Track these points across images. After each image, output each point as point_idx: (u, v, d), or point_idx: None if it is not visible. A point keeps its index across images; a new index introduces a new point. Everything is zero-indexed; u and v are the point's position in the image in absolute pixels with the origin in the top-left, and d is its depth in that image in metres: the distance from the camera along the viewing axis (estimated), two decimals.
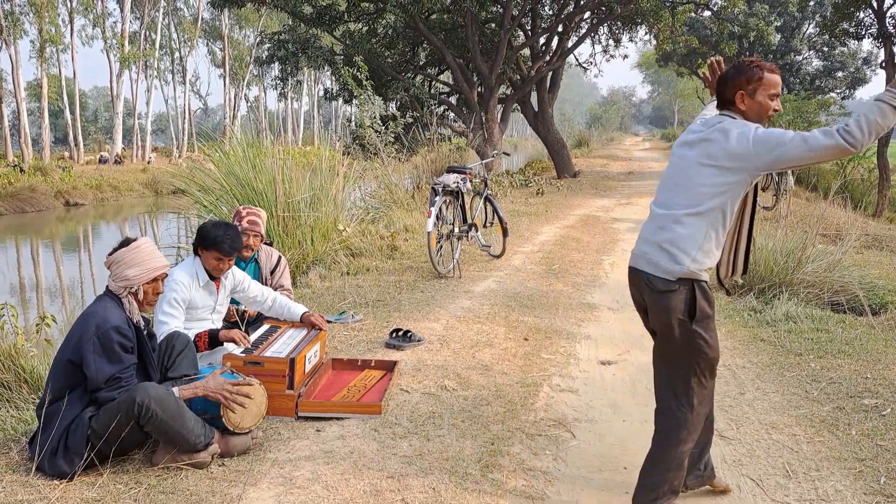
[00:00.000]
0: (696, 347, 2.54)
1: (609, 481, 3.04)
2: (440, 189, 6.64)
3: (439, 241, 6.83)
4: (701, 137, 2.58)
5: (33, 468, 2.87)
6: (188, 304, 3.78)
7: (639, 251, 2.64)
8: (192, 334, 3.72)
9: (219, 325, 4.02)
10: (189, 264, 3.84)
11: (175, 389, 2.99)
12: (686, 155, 2.61)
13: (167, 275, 3.19)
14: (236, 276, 4.05)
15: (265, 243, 4.80)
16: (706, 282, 2.55)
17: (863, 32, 17.84)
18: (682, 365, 2.58)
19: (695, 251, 2.49)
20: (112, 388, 2.88)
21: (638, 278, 2.63)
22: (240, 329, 4.07)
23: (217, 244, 3.75)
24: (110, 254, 3.04)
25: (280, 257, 4.80)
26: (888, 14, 14.92)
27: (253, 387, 3.13)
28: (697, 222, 2.50)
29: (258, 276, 4.65)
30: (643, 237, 2.66)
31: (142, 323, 3.07)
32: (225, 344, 3.77)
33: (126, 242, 3.06)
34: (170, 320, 3.67)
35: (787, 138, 2.39)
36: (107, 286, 3.06)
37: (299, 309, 4.13)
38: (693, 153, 2.58)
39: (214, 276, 3.89)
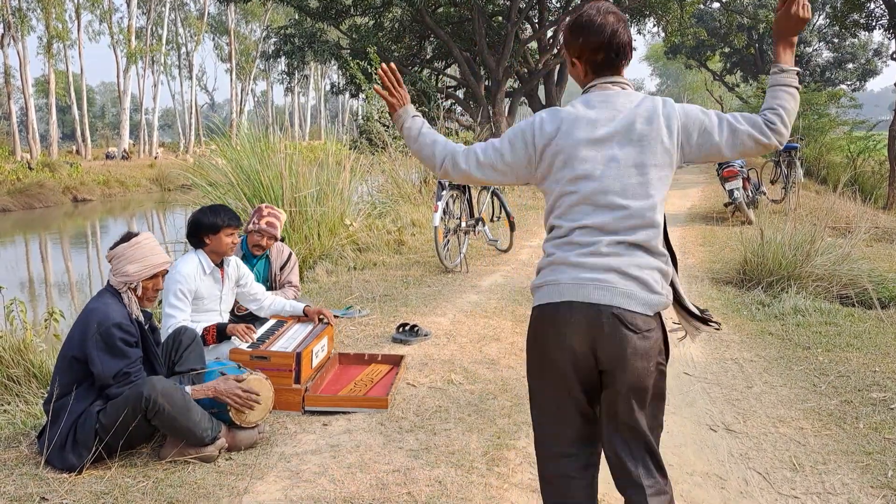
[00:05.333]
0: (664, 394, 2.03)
1: None
2: (447, 183, 6.63)
3: (446, 236, 6.82)
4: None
5: (42, 462, 2.89)
6: (194, 295, 3.80)
7: (594, 279, 1.92)
8: (200, 327, 3.74)
9: (226, 317, 4.04)
10: (191, 256, 3.85)
11: (188, 388, 3.00)
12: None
13: (167, 271, 3.19)
14: (241, 268, 4.07)
15: (279, 239, 4.82)
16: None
17: (873, 23, 17.69)
18: (657, 424, 2.04)
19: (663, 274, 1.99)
20: (121, 384, 2.89)
21: (596, 317, 1.90)
22: (246, 322, 4.09)
23: (227, 223, 3.82)
24: (112, 248, 3.05)
25: (290, 254, 4.82)
26: None
27: (260, 382, 3.14)
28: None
29: (268, 271, 4.67)
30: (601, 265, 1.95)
31: (142, 318, 3.08)
32: (232, 338, 3.79)
33: (127, 237, 3.05)
34: (177, 313, 3.69)
35: (716, 124, 2.00)
36: (108, 280, 3.07)
37: (298, 304, 4.16)
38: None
39: (220, 263, 3.91)
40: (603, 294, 1.88)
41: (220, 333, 3.78)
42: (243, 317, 4.44)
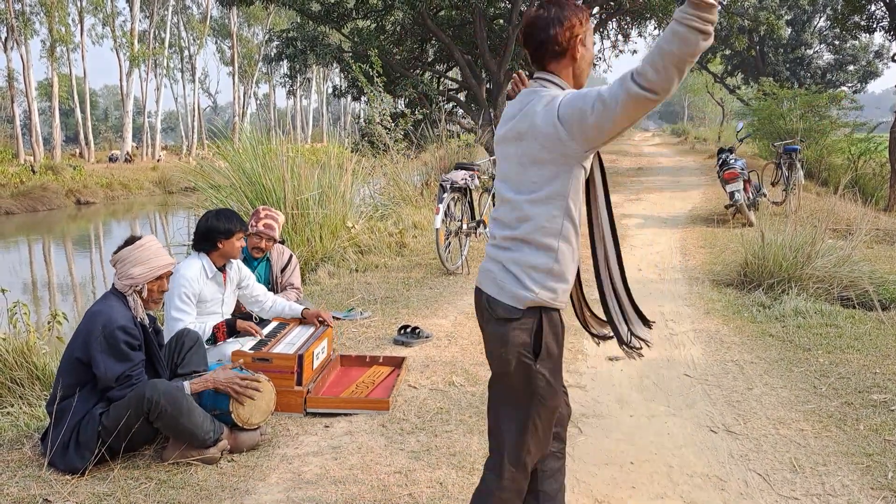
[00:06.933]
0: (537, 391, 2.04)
1: (615, 476, 3.05)
2: (448, 186, 6.65)
3: (448, 238, 6.84)
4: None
5: (45, 463, 2.91)
6: (198, 298, 3.82)
7: (485, 268, 2.14)
8: (208, 326, 3.77)
9: (228, 317, 4.06)
10: (194, 260, 3.87)
11: (185, 384, 3.02)
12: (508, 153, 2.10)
13: (172, 273, 3.22)
14: (242, 271, 4.09)
15: (278, 241, 4.83)
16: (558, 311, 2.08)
17: (874, 25, 17.67)
18: (519, 407, 2.06)
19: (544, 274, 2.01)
20: (123, 387, 2.91)
21: (479, 300, 2.15)
22: (252, 320, 4.13)
23: (239, 227, 3.87)
24: (115, 252, 3.07)
25: (291, 256, 4.83)
26: None
27: (262, 383, 3.16)
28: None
29: (269, 273, 4.69)
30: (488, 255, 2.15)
31: (146, 320, 3.10)
32: (240, 337, 3.83)
33: (131, 241, 3.08)
34: (183, 317, 3.71)
35: (589, 103, 1.88)
36: (112, 284, 3.09)
37: (297, 307, 4.19)
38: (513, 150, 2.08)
39: (222, 267, 3.93)
40: (484, 281, 2.12)
41: (230, 329, 3.82)
42: (245, 317, 4.46)
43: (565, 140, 1.93)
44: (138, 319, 3.04)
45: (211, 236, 3.84)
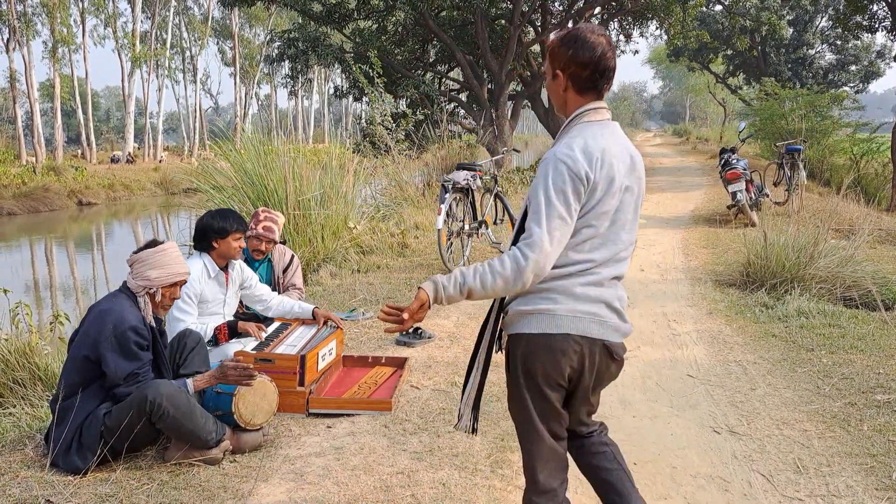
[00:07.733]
0: None
1: None
2: (450, 186, 6.64)
3: (449, 239, 6.84)
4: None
5: (48, 464, 2.91)
6: (199, 299, 3.82)
7: (590, 312, 2.02)
8: (210, 328, 3.77)
9: (230, 318, 4.05)
10: (196, 260, 3.87)
11: (189, 381, 3.02)
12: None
13: (185, 282, 3.22)
14: (245, 272, 4.08)
15: (279, 242, 4.82)
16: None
17: (876, 25, 17.65)
18: None
19: None
20: (130, 384, 2.92)
21: (590, 349, 2.03)
22: (254, 322, 4.13)
23: (235, 227, 3.84)
24: (135, 252, 3.07)
25: (293, 256, 4.82)
26: None
27: (264, 384, 3.15)
28: None
29: (270, 274, 4.68)
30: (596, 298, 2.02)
31: (154, 323, 3.10)
32: (241, 339, 3.82)
33: (153, 243, 3.09)
34: (185, 317, 3.71)
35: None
36: (124, 282, 3.08)
37: (308, 306, 4.17)
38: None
39: (224, 267, 3.93)
40: (592, 328, 2.01)
41: (231, 331, 3.82)
42: (248, 316, 4.46)
43: None
44: (147, 320, 3.04)
45: (206, 235, 3.84)
